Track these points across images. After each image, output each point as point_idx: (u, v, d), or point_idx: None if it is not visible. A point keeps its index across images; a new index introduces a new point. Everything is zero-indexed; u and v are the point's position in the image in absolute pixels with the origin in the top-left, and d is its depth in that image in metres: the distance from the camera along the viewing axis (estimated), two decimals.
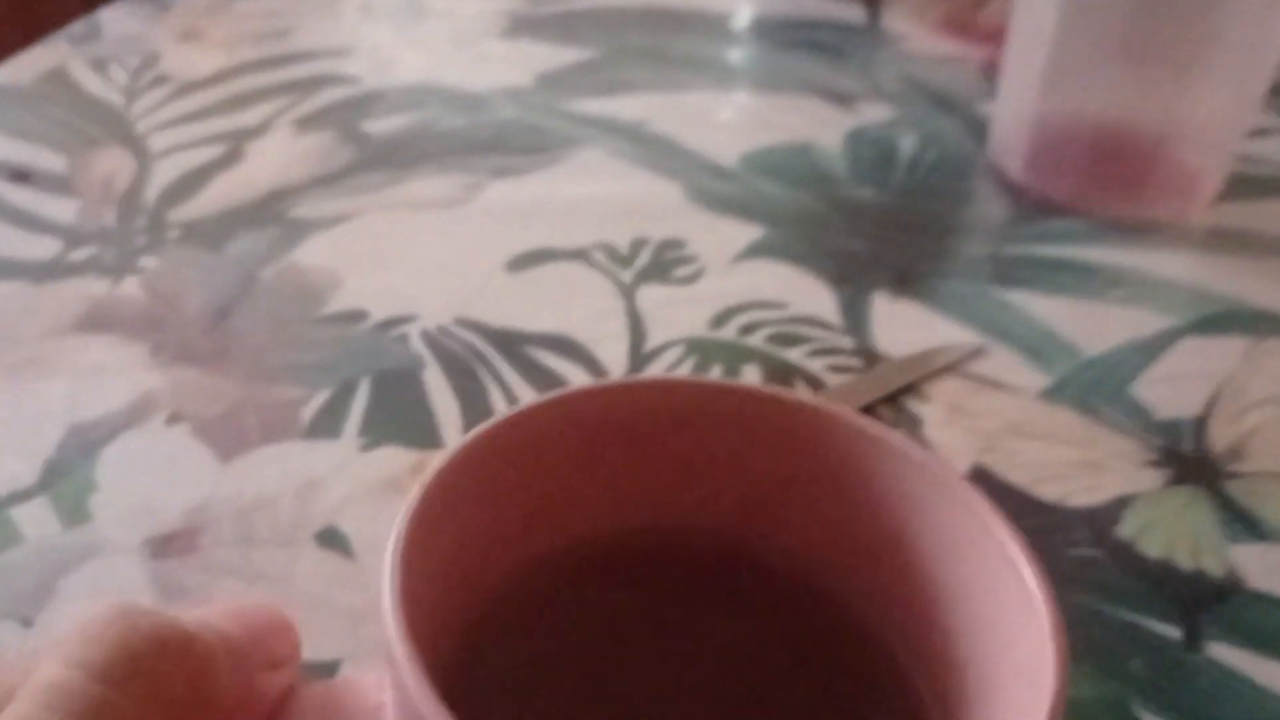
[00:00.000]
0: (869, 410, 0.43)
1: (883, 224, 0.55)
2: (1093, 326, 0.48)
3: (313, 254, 0.51)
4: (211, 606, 0.20)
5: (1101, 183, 0.56)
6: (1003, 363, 0.46)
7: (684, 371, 0.45)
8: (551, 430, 0.24)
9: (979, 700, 0.20)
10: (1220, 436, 0.43)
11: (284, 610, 0.21)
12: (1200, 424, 0.44)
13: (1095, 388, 0.45)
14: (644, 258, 0.52)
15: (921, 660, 0.22)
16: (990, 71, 0.68)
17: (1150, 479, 0.41)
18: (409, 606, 0.19)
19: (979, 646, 0.21)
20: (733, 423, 0.24)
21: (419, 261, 0.51)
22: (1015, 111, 0.58)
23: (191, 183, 0.57)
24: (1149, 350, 0.47)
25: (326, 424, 0.41)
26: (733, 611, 0.25)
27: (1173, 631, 0.35)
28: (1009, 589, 0.20)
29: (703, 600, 0.25)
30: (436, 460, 0.22)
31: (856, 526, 0.24)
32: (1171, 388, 0.45)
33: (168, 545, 0.37)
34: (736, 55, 0.73)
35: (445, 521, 0.21)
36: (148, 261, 0.51)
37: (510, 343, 0.46)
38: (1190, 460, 0.42)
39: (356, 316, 0.47)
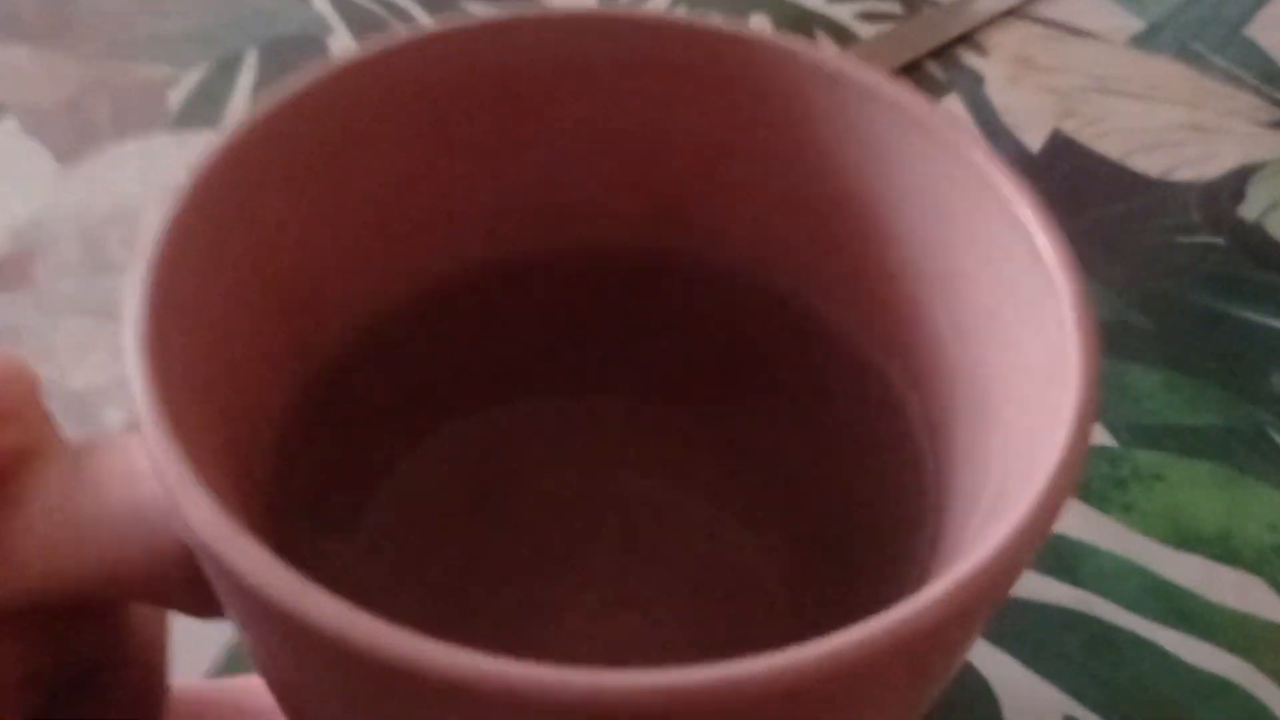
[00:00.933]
0: (914, 67, 0.33)
1: None
2: None
3: None
4: None
5: None
6: (1083, 2, 0.36)
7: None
8: (391, 95, 0.15)
9: (982, 413, 0.15)
10: None
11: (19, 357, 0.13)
12: None
13: (1201, 30, 0.35)
14: None
15: (909, 368, 0.16)
16: None
17: (1277, 143, 0.32)
18: (172, 361, 0.11)
19: (981, 344, 0.15)
20: (647, 77, 0.16)
21: None
22: None
23: None
24: None
25: (201, 110, 0.31)
26: (664, 346, 0.18)
27: None
28: (1017, 264, 0.14)
29: (621, 334, 0.18)
30: (211, 143, 0.12)
31: (809, 204, 0.17)
32: None
33: None
34: None
35: (229, 239, 0.13)
36: None
37: None
38: None
39: None
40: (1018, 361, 0.14)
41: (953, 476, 0.15)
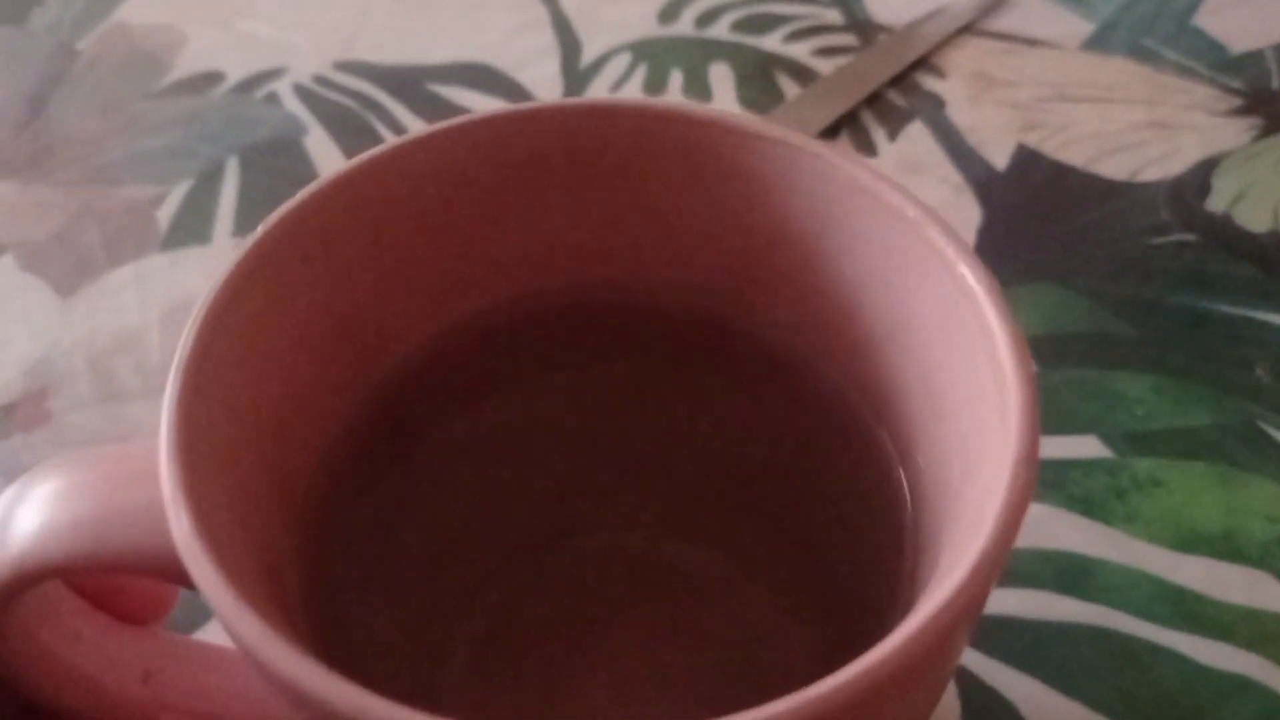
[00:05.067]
0: (876, 96, 0.34)
1: None
2: None
3: (142, 9, 0.40)
4: None
5: None
6: (1032, 11, 0.37)
7: (636, 84, 0.35)
8: (455, 166, 0.17)
9: (944, 442, 0.16)
10: None
11: None
12: None
13: (1151, 25, 0.36)
14: None
15: (892, 427, 0.18)
16: None
17: (1237, 131, 0.33)
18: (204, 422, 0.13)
19: (942, 390, 0.16)
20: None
21: None
22: None
23: None
24: None
25: (191, 226, 0.32)
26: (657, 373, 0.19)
27: None
28: (965, 324, 0.15)
29: (628, 370, 0.20)
30: (264, 226, 0.14)
31: (814, 281, 0.18)
32: (1245, 11, 0.36)
33: (8, 419, 0.28)
34: None
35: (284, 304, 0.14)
36: None
37: (408, 82, 0.36)
38: None
39: (210, 80, 0.37)
40: (971, 403, 0.15)
41: (926, 505, 0.16)
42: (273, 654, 0.11)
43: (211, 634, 0.23)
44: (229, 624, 0.11)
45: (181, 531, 0.12)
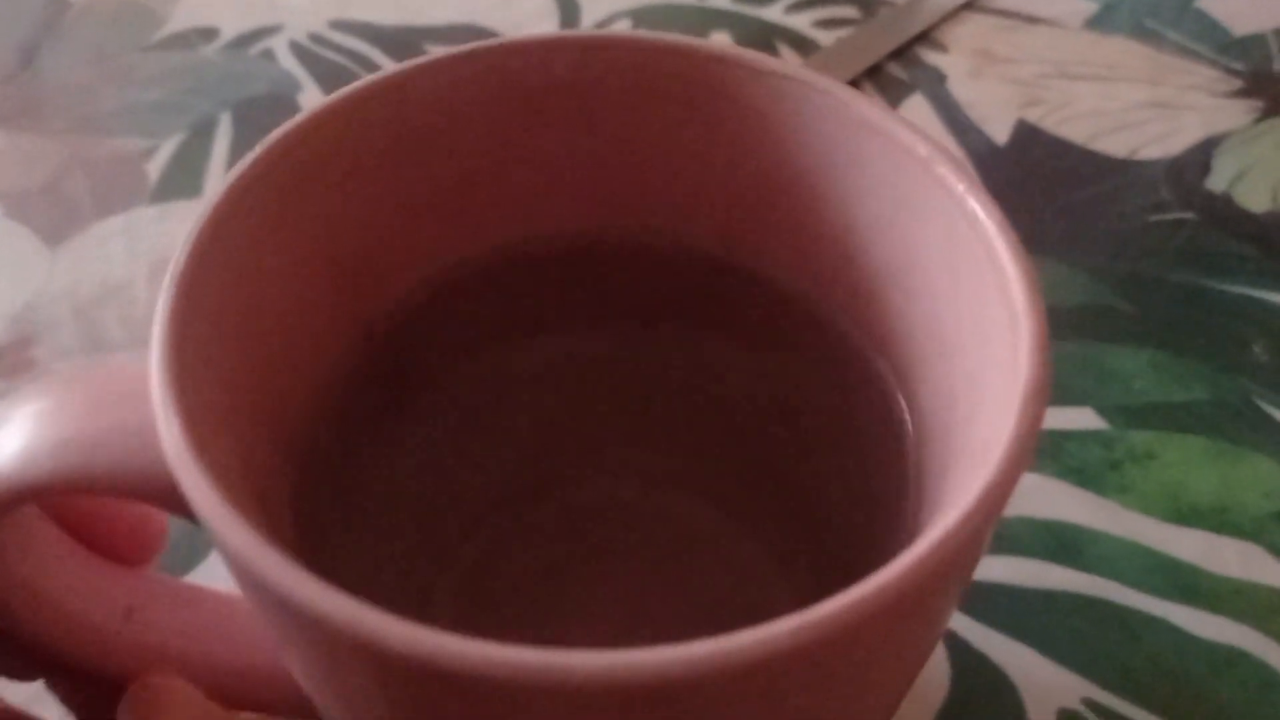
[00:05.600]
0: (876, 70, 0.34)
1: None
2: None
3: None
4: None
5: None
6: None
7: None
8: (459, 96, 0.17)
9: (950, 380, 0.15)
10: None
11: None
12: None
13: (1154, 6, 0.36)
14: None
15: (892, 361, 0.17)
16: None
17: (1238, 113, 0.32)
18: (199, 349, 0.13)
19: (944, 326, 0.15)
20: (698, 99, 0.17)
21: None
22: None
23: None
24: None
25: (181, 179, 0.32)
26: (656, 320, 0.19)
27: None
28: (973, 253, 0.14)
29: (632, 315, 0.19)
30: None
31: (782, 195, 0.17)
32: None
33: None
34: None
35: (289, 214, 0.15)
36: None
37: (405, 43, 0.36)
38: None
39: (204, 35, 0.37)
40: (979, 341, 0.14)
41: (929, 447, 0.16)
42: (263, 561, 0.11)
43: (198, 577, 0.23)
44: (219, 533, 0.11)
45: (171, 440, 0.11)
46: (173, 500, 0.12)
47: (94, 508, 0.16)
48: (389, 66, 0.16)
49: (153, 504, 0.13)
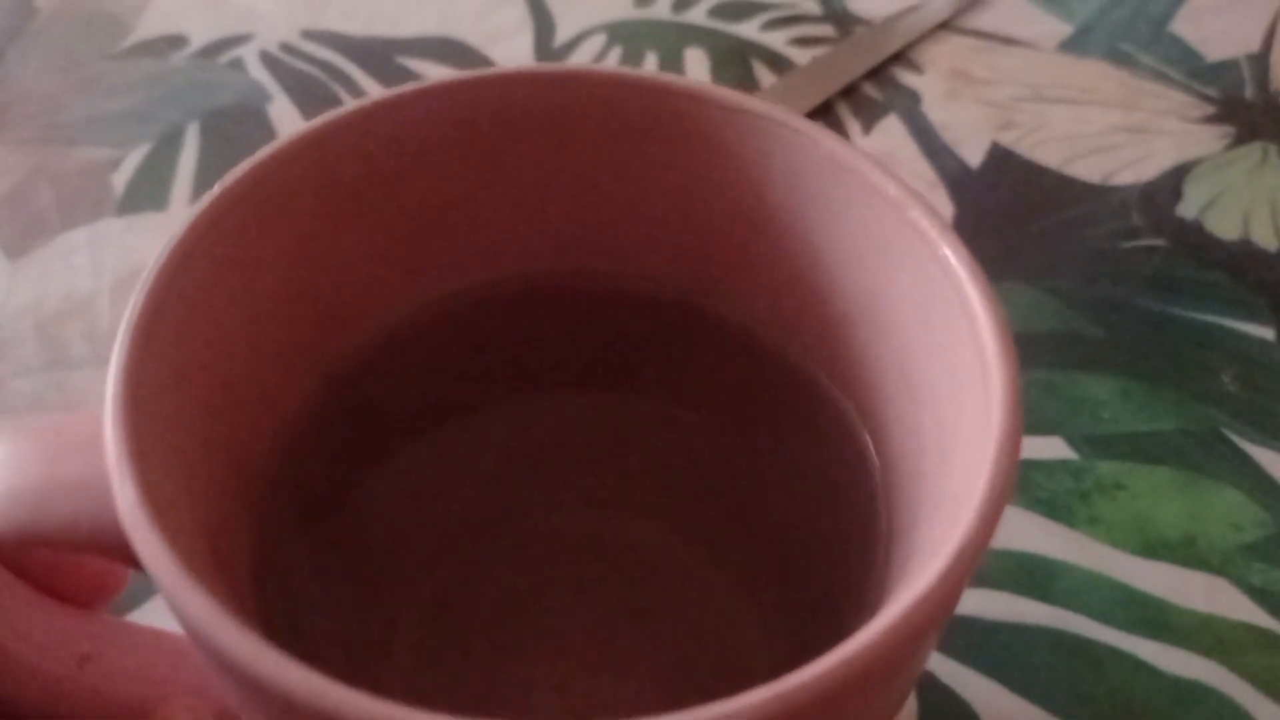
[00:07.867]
0: (852, 89, 0.34)
1: None
2: None
3: None
4: None
5: None
6: (1011, 11, 0.36)
7: (611, 65, 0.35)
8: (428, 128, 0.16)
9: (919, 432, 0.15)
10: None
11: None
12: (1262, 61, 0.35)
13: (1128, 30, 0.36)
14: None
15: (862, 405, 0.17)
16: None
17: (1210, 138, 0.33)
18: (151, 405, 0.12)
19: (914, 370, 0.15)
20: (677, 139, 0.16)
21: None
22: None
23: None
24: None
25: (147, 191, 0.31)
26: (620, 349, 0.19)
27: (1264, 331, 0.28)
28: (944, 298, 0.14)
29: (591, 348, 0.19)
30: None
31: (750, 234, 0.17)
32: (1222, 19, 0.36)
33: None
34: None
35: (253, 249, 0.14)
36: None
37: (377, 54, 0.35)
38: (1255, 109, 0.33)
39: (173, 43, 0.36)
40: (950, 387, 0.14)
41: (899, 493, 0.16)
42: (221, 634, 0.10)
43: (150, 613, 0.22)
44: (174, 601, 0.11)
45: (125, 500, 0.11)
46: (126, 556, 0.12)
47: (54, 552, 0.16)
48: (351, 101, 0.16)
49: (107, 558, 0.13)
